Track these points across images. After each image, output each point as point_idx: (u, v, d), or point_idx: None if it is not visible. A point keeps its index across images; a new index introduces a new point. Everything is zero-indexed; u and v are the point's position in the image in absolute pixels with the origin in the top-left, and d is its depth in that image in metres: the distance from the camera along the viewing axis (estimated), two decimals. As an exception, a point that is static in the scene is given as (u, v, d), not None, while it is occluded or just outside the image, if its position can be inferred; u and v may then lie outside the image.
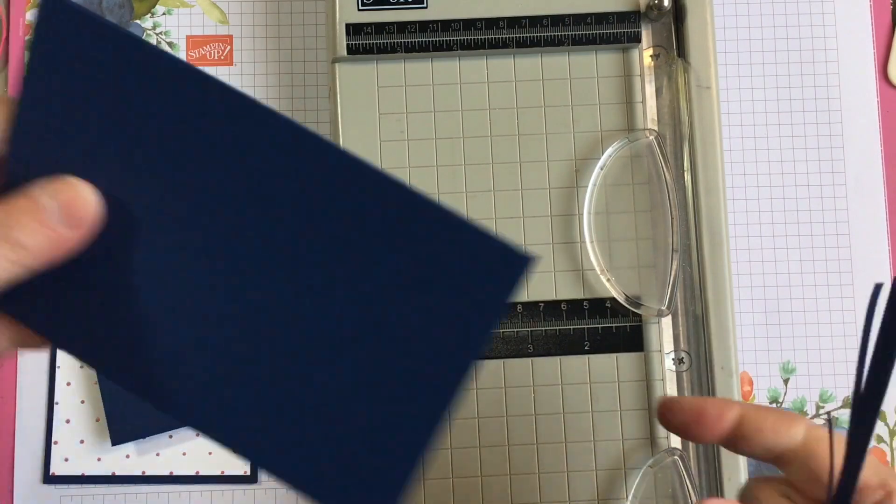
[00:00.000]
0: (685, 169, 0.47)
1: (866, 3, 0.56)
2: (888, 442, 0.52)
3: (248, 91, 0.54)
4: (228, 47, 0.55)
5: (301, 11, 0.55)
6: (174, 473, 0.51)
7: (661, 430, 0.46)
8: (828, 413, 0.52)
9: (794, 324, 0.53)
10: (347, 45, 0.47)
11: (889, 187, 0.54)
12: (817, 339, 0.53)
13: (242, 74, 0.54)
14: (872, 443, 0.52)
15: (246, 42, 0.55)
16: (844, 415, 0.53)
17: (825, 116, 0.55)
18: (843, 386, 0.53)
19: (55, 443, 0.51)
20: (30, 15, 0.55)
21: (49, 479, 0.51)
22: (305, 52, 0.55)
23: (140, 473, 0.51)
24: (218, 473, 0.51)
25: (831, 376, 0.53)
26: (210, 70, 0.54)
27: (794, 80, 0.55)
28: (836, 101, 0.55)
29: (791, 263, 0.54)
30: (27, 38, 0.54)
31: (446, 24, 0.47)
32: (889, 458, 0.52)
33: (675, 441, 0.46)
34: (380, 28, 0.47)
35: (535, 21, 0.47)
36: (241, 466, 0.51)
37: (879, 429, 0.52)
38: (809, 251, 0.54)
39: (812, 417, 0.53)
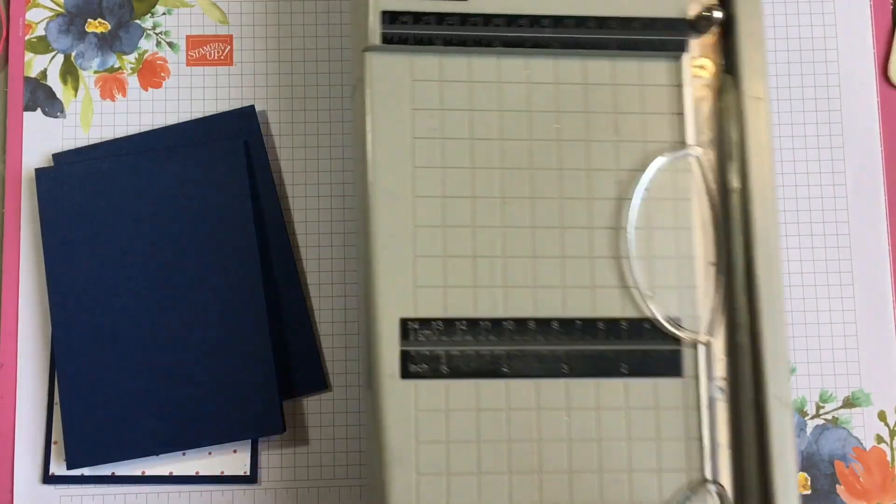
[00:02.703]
0: (732, 185, 0.45)
1: (866, 4, 0.56)
2: (888, 442, 0.52)
3: (248, 91, 0.54)
4: (228, 47, 0.55)
5: (301, 11, 0.55)
6: (174, 473, 0.51)
7: (701, 461, 0.44)
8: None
9: (794, 324, 0.53)
10: (383, 34, 0.45)
11: (889, 187, 0.54)
12: (817, 339, 0.53)
13: (242, 74, 0.54)
14: (872, 442, 0.52)
15: (246, 42, 0.55)
16: (846, 414, 0.53)
17: (825, 116, 0.55)
18: (844, 386, 0.53)
19: (55, 443, 0.51)
20: (30, 15, 0.55)
21: (49, 479, 0.51)
22: (305, 51, 0.55)
23: (140, 473, 0.51)
24: (218, 473, 0.51)
25: (831, 376, 0.53)
26: (210, 70, 0.54)
27: (794, 80, 0.55)
28: (836, 101, 0.55)
29: (791, 263, 0.54)
30: (27, 37, 0.54)
31: (487, 19, 0.45)
32: (889, 458, 0.52)
33: (717, 473, 0.44)
34: (417, 17, 0.45)
35: (580, 21, 0.45)
36: (241, 467, 0.51)
37: (879, 429, 0.52)
38: (809, 251, 0.54)
39: (812, 418, 0.53)
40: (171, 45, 0.55)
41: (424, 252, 0.44)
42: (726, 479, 0.44)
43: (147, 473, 0.51)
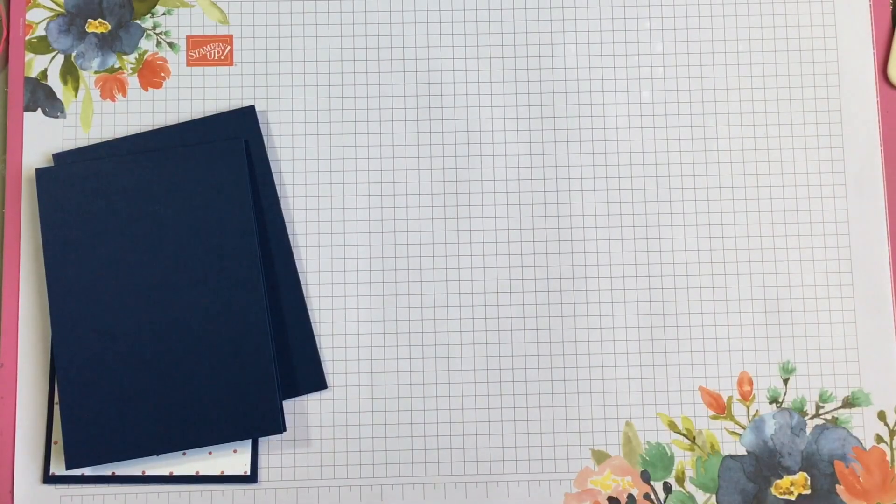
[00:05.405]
0: None
1: (866, 4, 0.56)
2: (888, 442, 0.52)
3: (248, 91, 0.54)
4: (228, 47, 0.55)
5: (301, 11, 0.55)
6: (174, 473, 0.51)
7: None
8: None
9: (794, 324, 0.53)
10: None
11: (889, 187, 0.54)
12: (817, 339, 0.53)
13: (242, 74, 0.54)
14: (872, 442, 0.52)
15: (246, 42, 0.55)
16: (845, 414, 0.53)
17: (825, 116, 0.55)
18: (844, 386, 0.53)
19: (55, 443, 0.51)
20: (30, 15, 0.55)
21: (49, 479, 0.51)
22: (305, 51, 0.55)
23: (140, 473, 0.51)
24: (218, 473, 0.51)
25: (831, 376, 0.53)
26: (210, 70, 0.54)
27: (794, 80, 0.55)
28: (836, 101, 0.55)
29: (791, 263, 0.54)
30: (27, 38, 0.54)
31: None
32: (889, 458, 0.52)
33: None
34: None
35: None
36: (241, 467, 0.51)
37: (879, 429, 0.52)
38: (809, 251, 0.54)
39: (811, 417, 0.53)
40: (171, 45, 0.55)
41: None
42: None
43: (147, 473, 0.51)
